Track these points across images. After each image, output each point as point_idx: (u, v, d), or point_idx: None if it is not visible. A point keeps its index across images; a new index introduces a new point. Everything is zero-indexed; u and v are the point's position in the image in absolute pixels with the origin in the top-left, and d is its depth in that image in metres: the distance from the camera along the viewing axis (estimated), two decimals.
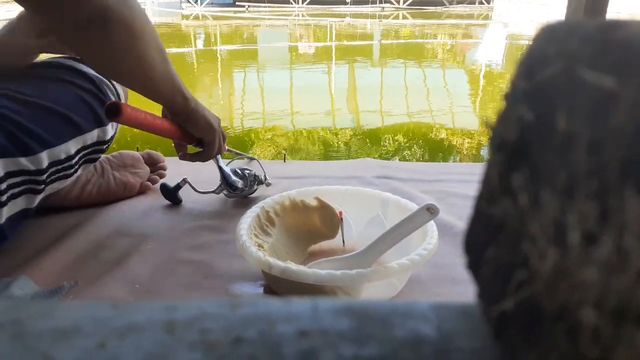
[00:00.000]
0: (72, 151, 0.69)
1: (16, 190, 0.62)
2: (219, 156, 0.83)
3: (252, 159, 1.06)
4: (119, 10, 0.53)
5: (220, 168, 0.83)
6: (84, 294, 0.59)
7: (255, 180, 0.87)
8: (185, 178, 0.86)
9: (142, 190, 0.89)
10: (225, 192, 0.85)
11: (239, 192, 0.84)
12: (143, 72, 0.60)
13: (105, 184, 0.84)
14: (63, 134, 0.67)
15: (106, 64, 0.62)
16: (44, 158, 0.64)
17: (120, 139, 2.31)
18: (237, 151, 1.02)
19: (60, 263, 0.66)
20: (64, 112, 0.68)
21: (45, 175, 0.65)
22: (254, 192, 0.89)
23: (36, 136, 0.63)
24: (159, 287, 0.61)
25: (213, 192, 0.86)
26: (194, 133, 0.75)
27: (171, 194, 0.85)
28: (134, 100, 0.78)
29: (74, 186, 0.80)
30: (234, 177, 0.83)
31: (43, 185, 0.66)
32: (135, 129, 0.68)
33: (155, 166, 0.94)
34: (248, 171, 0.86)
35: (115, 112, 0.60)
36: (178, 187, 0.86)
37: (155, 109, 0.73)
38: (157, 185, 0.92)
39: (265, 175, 0.91)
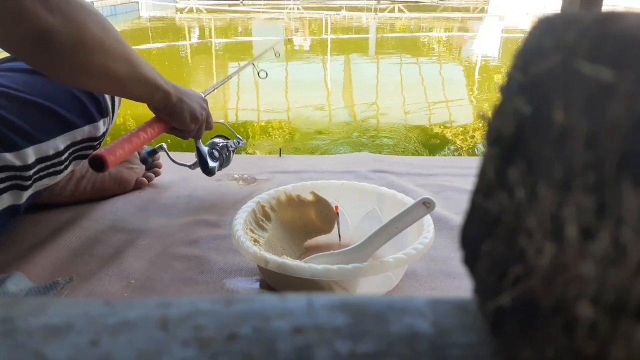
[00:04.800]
0: (61, 147, 0.68)
1: (1, 186, 0.62)
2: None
3: (240, 140, 0.99)
4: (62, 30, 0.51)
5: (198, 150, 0.82)
6: (79, 290, 0.59)
7: (230, 152, 0.87)
8: (162, 145, 0.82)
9: (137, 186, 0.89)
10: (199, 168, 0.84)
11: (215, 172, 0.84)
12: (107, 82, 0.59)
13: (100, 180, 0.84)
14: (51, 129, 0.67)
15: (63, 79, 0.60)
16: (30, 154, 0.63)
17: (115, 134, 2.30)
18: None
19: (55, 259, 0.65)
20: (52, 108, 0.67)
21: (32, 171, 0.64)
22: (230, 161, 0.90)
23: (22, 131, 0.63)
24: (154, 283, 0.61)
25: (188, 166, 0.84)
26: (178, 126, 0.74)
27: (145, 159, 0.83)
28: None
29: (68, 182, 0.80)
30: (211, 164, 0.82)
31: (30, 182, 0.65)
32: (130, 121, 0.68)
33: (151, 163, 0.94)
34: (221, 144, 0.86)
35: (101, 165, 0.60)
36: (154, 152, 0.81)
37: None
38: (153, 182, 0.92)
39: (237, 138, 0.90)
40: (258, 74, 1.03)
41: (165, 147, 0.81)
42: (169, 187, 0.90)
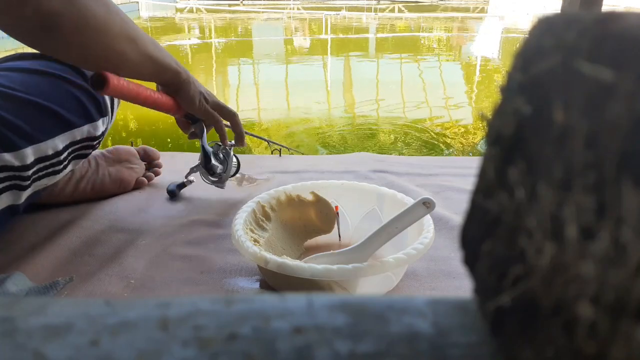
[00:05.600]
0: (60, 147, 0.68)
1: (0, 186, 0.61)
2: (204, 135, 0.81)
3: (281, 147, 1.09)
4: (66, 14, 0.51)
5: (203, 148, 0.81)
6: (79, 290, 0.59)
7: (233, 167, 0.87)
8: (192, 179, 0.88)
9: (138, 186, 0.89)
10: (199, 173, 0.85)
11: (215, 179, 0.83)
12: (113, 63, 0.59)
13: (100, 181, 0.83)
14: (50, 129, 0.67)
15: (70, 61, 0.62)
16: (29, 154, 0.63)
17: (115, 134, 2.30)
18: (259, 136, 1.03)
19: (55, 259, 0.65)
20: (51, 107, 0.67)
21: (31, 171, 0.64)
22: (232, 175, 0.89)
23: (21, 131, 0.63)
24: (154, 283, 0.61)
25: (190, 168, 0.85)
26: (184, 105, 0.74)
27: (173, 191, 0.87)
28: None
29: (68, 182, 0.80)
30: (215, 162, 0.82)
31: (29, 182, 0.65)
32: (131, 121, 0.67)
33: (151, 163, 0.94)
34: (228, 149, 0.86)
35: (101, 83, 0.60)
36: (183, 185, 0.88)
37: None
38: (153, 182, 0.92)
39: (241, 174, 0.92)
40: (272, 152, 1.14)
41: (194, 180, 0.88)
42: None
